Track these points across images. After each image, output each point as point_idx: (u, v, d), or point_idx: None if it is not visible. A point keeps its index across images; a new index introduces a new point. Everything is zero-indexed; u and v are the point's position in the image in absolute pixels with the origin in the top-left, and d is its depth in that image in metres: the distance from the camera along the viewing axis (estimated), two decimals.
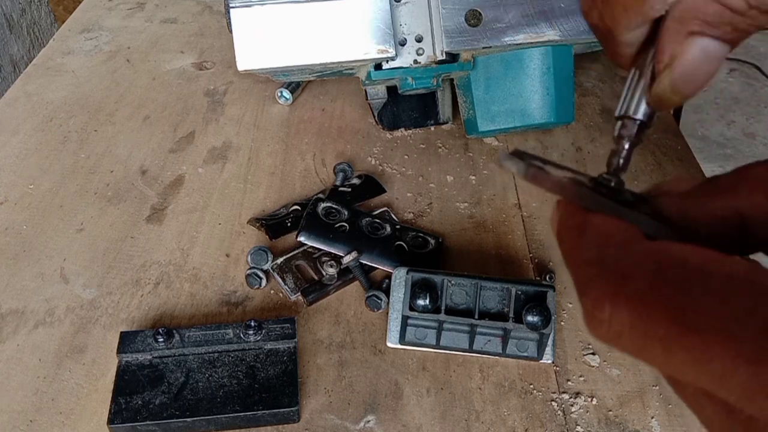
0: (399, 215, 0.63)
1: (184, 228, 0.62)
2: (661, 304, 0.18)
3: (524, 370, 0.51)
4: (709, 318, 0.17)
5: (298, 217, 0.61)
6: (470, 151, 0.71)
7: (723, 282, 0.18)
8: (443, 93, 0.73)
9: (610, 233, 0.21)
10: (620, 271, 0.19)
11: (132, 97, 0.79)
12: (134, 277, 0.57)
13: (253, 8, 0.62)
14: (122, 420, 0.45)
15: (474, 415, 0.48)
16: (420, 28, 0.66)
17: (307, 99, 0.79)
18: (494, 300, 0.51)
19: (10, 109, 0.77)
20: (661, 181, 0.25)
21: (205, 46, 0.89)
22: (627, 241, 0.21)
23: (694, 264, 0.18)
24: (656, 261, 0.19)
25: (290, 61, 0.63)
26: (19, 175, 0.68)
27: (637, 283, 0.18)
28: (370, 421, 0.48)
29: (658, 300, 0.18)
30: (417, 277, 0.52)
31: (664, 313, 0.18)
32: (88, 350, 0.52)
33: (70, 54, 0.87)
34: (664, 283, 0.18)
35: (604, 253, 0.20)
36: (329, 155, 0.71)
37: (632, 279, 0.19)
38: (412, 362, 0.51)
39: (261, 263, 0.57)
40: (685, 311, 0.17)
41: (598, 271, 0.20)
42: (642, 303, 0.18)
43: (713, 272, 0.18)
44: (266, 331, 0.49)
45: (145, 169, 0.69)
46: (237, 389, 0.47)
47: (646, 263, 0.19)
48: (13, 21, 1.60)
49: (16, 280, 0.57)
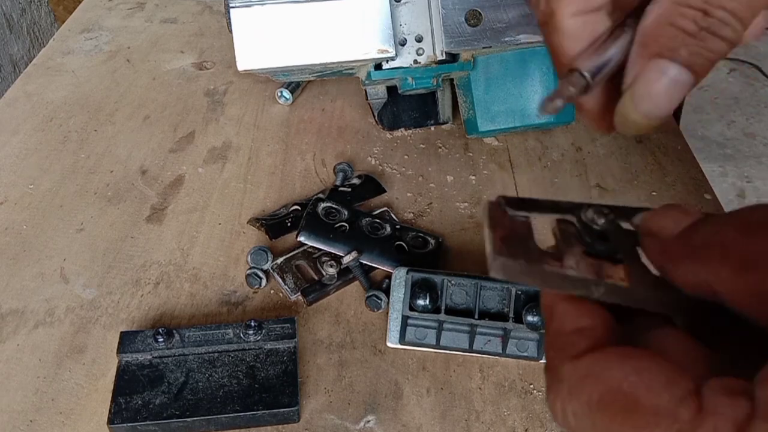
0: (399, 215, 0.63)
1: (184, 228, 0.62)
2: (605, 418, 0.20)
3: (524, 370, 0.51)
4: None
5: (298, 217, 0.61)
6: (470, 151, 0.71)
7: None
8: (443, 93, 0.73)
9: (567, 335, 0.23)
10: (566, 388, 0.21)
11: (132, 97, 0.79)
12: (134, 277, 0.57)
13: (253, 8, 0.62)
14: (122, 420, 0.45)
15: (474, 415, 0.48)
16: (420, 28, 0.66)
17: (307, 99, 0.79)
18: (494, 300, 0.51)
19: (10, 109, 0.77)
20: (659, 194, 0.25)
21: (205, 46, 0.89)
22: (574, 355, 0.22)
23: (621, 396, 0.20)
24: (597, 382, 0.21)
25: (290, 61, 0.63)
26: (19, 175, 0.68)
27: (576, 404, 0.21)
28: (370, 421, 0.48)
29: (601, 416, 0.20)
30: (417, 277, 0.52)
31: (608, 424, 0.20)
32: (88, 350, 0.52)
33: (70, 54, 0.87)
34: (605, 404, 0.20)
35: (557, 363, 0.22)
36: (329, 155, 0.71)
37: (573, 398, 0.21)
38: (412, 362, 0.51)
39: (261, 263, 0.57)
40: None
41: (551, 382, 0.22)
42: (589, 418, 0.21)
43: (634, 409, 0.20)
44: (266, 331, 0.49)
45: (145, 169, 0.69)
46: (237, 389, 0.47)
47: (584, 388, 0.21)
48: (13, 21, 1.60)
49: (16, 280, 0.57)
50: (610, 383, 0.20)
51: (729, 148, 2.12)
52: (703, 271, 0.21)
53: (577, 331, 0.22)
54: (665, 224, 0.23)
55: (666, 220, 0.23)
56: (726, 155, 2.09)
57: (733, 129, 2.19)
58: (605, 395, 0.20)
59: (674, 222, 0.23)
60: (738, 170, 2.04)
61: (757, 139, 2.16)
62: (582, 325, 0.22)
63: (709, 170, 1.78)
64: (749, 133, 2.18)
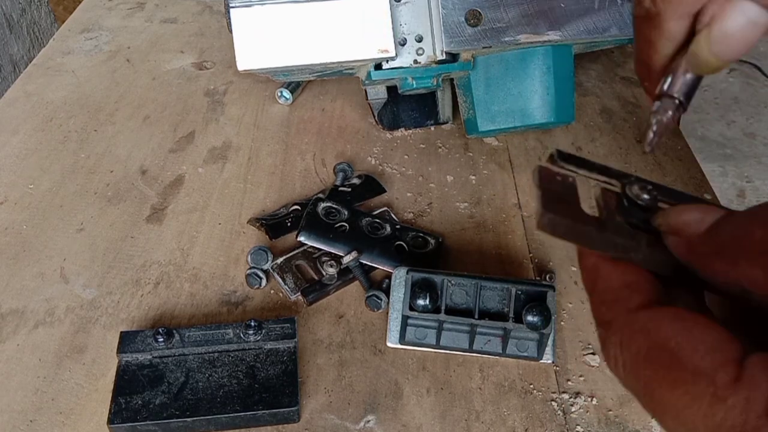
0: (399, 215, 0.63)
1: (184, 228, 0.62)
2: (649, 371, 0.21)
3: (524, 370, 0.51)
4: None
5: (298, 217, 0.61)
6: (470, 151, 0.71)
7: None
8: (443, 93, 0.73)
9: (617, 290, 0.24)
10: (619, 340, 0.22)
11: (132, 97, 0.79)
12: (134, 277, 0.57)
13: (253, 8, 0.62)
14: (122, 420, 0.45)
15: (474, 415, 0.48)
16: (420, 28, 0.66)
17: (307, 99, 0.79)
18: (494, 300, 0.51)
19: (10, 109, 0.77)
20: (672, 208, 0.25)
21: (205, 46, 0.89)
22: (629, 309, 0.23)
23: (665, 352, 0.21)
24: (647, 337, 0.22)
25: (290, 61, 0.63)
26: (19, 175, 0.68)
27: (626, 355, 0.22)
28: (370, 421, 0.48)
29: (646, 368, 0.21)
30: (417, 277, 0.52)
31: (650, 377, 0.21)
32: (88, 350, 0.52)
33: (70, 54, 0.87)
34: (651, 358, 0.21)
35: (610, 317, 0.23)
36: (329, 155, 0.71)
37: (624, 350, 0.22)
38: (412, 362, 0.51)
39: (261, 263, 0.57)
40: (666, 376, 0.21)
41: (605, 334, 0.23)
42: (634, 370, 0.22)
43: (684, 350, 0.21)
44: (266, 331, 0.49)
45: (145, 169, 0.69)
46: (237, 389, 0.47)
47: (634, 341, 0.22)
48: (13, 21, 1.60)
49: (16, 280, 0.57)
50: (658, 339, 0.21)
51: (729, 148, 2.12)
52: (732, 269, 0.21)
53: (627, 285, 0.23)
54: (689, 222, 0.23)
55: (689, 217, 0.23)
56: (726, 155, 2.09)
57: (733, 129, 2.19)
58: (651, 350, 0.21)
59: (697, 219, 0.23)
60: (738, 170, 2.04)
61: (757, 139, 2.16)
62: (631, 280, 0.23)
63: (709, 170, 1.78)
64: (749, 133, 2.18)
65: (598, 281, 0.24)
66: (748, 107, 2.28)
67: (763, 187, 1.99)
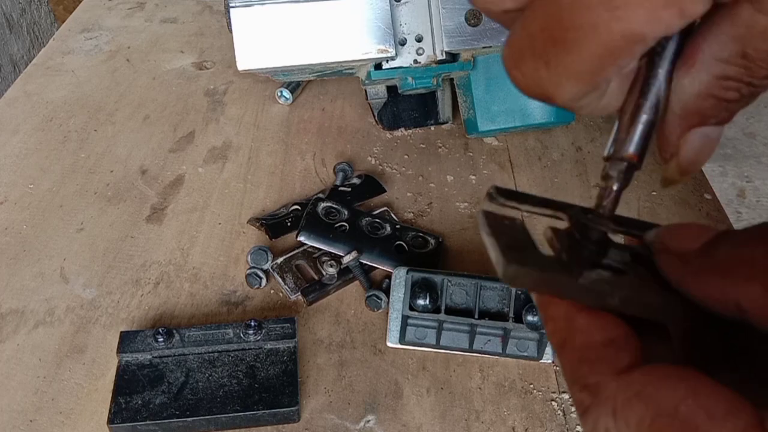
0: (399, 215, 0.63)
1: (184, 228, 0.62)
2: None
3: (524, 370, 0.51)
4: None
5: (298, 216, 0.61)
6: (470, 151, 0.71)
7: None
8: (443, 93, 0.73)
9: (600, 348, 0.21)
10: (612, 409, 0.20)
11: (132, 96, 0.79)
12: (134, 276, 0.57)
13: (253, 8, 0.62)
14: (122, 420, 0.45)
15: (474, 414, 0.48)
16: (420, 28, 0.66)
17: (307, 99, 0.79)
18: (494, 300, 0.51)
19: (10, 108, 0.77)
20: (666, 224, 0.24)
21: (205, 45, 0.89)
22: (618, 369, 0.21)
23: (677, 422, 0.19)
24: (648, 405, 0.19)
25: (290, 61, 0.63)
26: (19, 175, 0.68)
27: (622, 425, 0.19)
28: (370, 421, 0.48)
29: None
30: (417, 276, 0.52)
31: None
32: (88, 350, 0.52)
33: (70, 54, 0.87)
34: (659, 430, 0.19)
35: (595, 380, 0.21)
36: (329, 155, 0.71)
37: (620, 419, 0.20)
38: (412, 362, 0.51)
39: (261, 263, 0.57)
40: None
41: (589, 401, 0.21)
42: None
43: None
44: (266, 331, 0.49)
45: (145, 169, 0.69)
46: (237, 389, 0.47)
47: (634, 408, 0.19)
48: (13, 21, 1.60)
49: (16, 280, 0.57)
50: (663, 406, 0.19)
51: (729, 148, 2.12)
52: (730, 288, 0.20)
53: (611, 341, 0.21)
54: (683, 240, 0.22)
55: (683, 235, 0.22)
56: (726, 155, 2.09)
57: (733, 129, 2.19)
58: (657, 420, 0.19)
59: (692, 238, 0.22)
60: (738, 170, 2.04)
61: (757, 139, 2.16)
62: (614, 335, 0.21)
63: (709, 170, 1.79)
64: (749, 133, 2.18)
65: (574, 336, 0.22)
66: (748, 107, 2.28)
67: (763, 187, 1.99)
